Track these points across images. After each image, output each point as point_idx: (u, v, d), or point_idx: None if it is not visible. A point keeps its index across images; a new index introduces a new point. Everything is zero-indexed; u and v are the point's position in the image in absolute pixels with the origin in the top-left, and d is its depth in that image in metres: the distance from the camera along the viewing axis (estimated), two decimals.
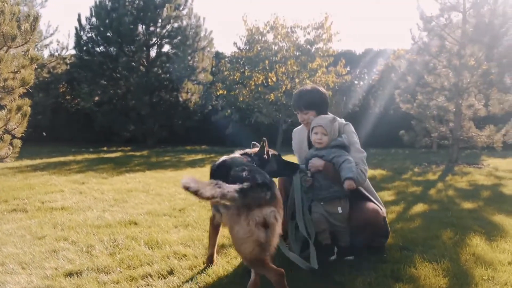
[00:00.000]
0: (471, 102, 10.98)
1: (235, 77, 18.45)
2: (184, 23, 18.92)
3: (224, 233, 4.02)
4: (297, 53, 17.99)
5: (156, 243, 3.83)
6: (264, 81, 18.56)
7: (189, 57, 18.74)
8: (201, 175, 8.74)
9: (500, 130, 10.73)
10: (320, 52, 18.04)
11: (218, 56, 21.96)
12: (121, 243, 3.83)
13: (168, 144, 19.41)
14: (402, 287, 2.87)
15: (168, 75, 18.76)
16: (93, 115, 18.78)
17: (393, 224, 4.49)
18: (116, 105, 18.88)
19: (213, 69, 20.58)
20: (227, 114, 18.25)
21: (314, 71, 17.94)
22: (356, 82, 23.26)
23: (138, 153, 14.96)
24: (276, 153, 3.54)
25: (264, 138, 3.49)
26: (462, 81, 10.82)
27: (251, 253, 2.41)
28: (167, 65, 18.64)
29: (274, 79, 18.30)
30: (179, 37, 18.50)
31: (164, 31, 18.77)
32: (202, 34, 19.32)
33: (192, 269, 3.22)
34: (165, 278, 3.05)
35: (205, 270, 3.17)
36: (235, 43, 18.72)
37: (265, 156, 3.40)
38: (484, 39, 10.40)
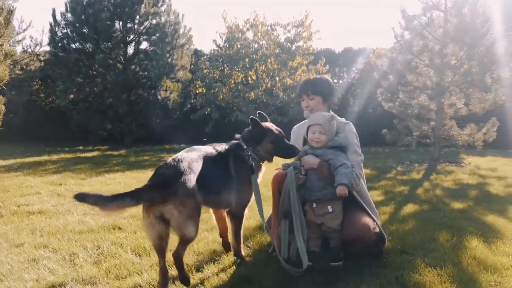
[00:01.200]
0: (452, 101, 11.01)
1: (215, 75, 18.23)
2: (163, 19, 18.55)
3: (216, 239, 3.86)
4: (278, 51, 17.88)
5: (144, 250, 3.62)
6: (243, 79, 18.39)
7: (168, 55, 18.42)
8: None
9: (482, 129, 10.79)
10: (300, 51, 17.96)
11: (197, 53, 21.66)
12: (106, 250, 3.61)
13: (146, 143, 19.02)
14: None
15: (146, 73, 18.40)
16: (68, 113, 18.29)
17: (387, 225, 4.38)
18: (92, 103, 18.42)
19: (192, 67, 20.30)
20: (206, 112, 17.98)
21: (295, 69, 17.86)
22: (335, 80, 23.31)
23: (116, 153, 14.59)
24: (280, 131, 3.53)
25: (259, 112, 3.64)
26: (444, 80, 10.84)
27: (154, 243, 2.77)
28: (145, 62, 18.28)
29: (254, 78, 18.14)
30: (158, 34, 18.15)
31: (142, 27, 18.37)
32: (181, 31, 19.00)
33: None
34: None
35: (202, 280, 2.98)
36: (214, 41, 18.49)
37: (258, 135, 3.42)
38: (465, 38, 10.43)
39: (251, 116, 3.39)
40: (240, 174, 3.26)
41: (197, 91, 18.53)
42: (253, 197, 3.33)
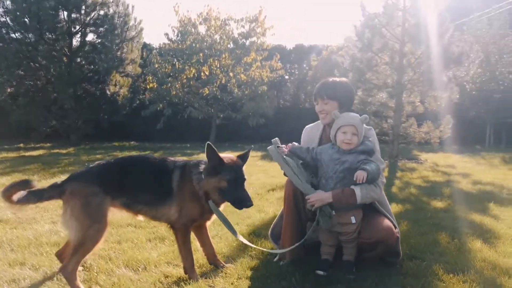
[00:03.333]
0: (411, 99, 11.24)
1: (167, 70, 17.66)
2: (111, 10, 17.70)
3: (218, 252, 3.57)
4: (232, 46, 17.60)
5: (138, 263, 3.26)
6: (195, 75, 17.94)
7: (117, 48, 17.58)
8: None
9: (439, 127, 11.07)
10: (254, 46, 17.78)
11: (146, 47, 20.89)
12: (95, 266, 3.21)
13: (94, 140, 18.11)
14: None
15: (94, 66, 17.49)
16: (8, 108, 17.03)
17: None
18: (34, 97, 17.24)
19: (141, 61, 19.57)
20: (158, 108, 17.39)
21: (249, 65, 17.66)
22: (287, 77, 23.37)
23: (63, 151, 13.75)
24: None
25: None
26: (403, 78, 11.02)
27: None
28: (93, 55, 17.38)
29: (207, 73, 17.75)
30: (106, 26, 17.27)
31: (89, 18, 17.43)
32: (131, 23, 18.21)
33: None
34: None
35: None
36: (166, 34, 17.89)
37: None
38: (423, 37, 10.66)
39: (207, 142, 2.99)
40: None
41: (148, 86, 17.86)
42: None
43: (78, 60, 17.57)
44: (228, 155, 3.06)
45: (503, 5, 18.41)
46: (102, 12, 17.47)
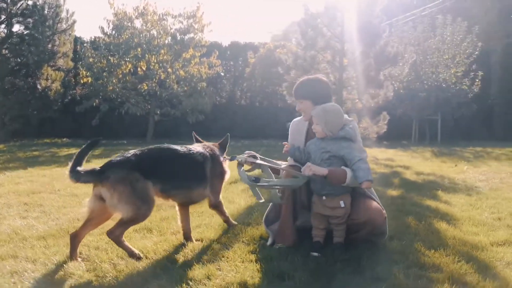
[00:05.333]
0: (351, 96, 11.79)
1: (102, 64, 17.04)
2: (40, 1, 16.77)
3: (208, 238, 3.64)
4: (171, 42, 17.37)
5: (142, 254, 3.25)
6: (131, 70, 17.47)
7: (48, 40, 16.70)
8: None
9: (377, 123, 11.71)
10: (193, 42, 17.67)
11: (78, 41, 19.99)
12: (95, 257, 3.16)
13: (22, 137, 17.06)
14: (439, 276, 2.85)
15: (22, 59, 16.51)
16: None
17: None
18: None
19: (73, 55, 18.75)
20: (94, 104, 16.76)
21: (188, 61, 17.53)
22: (222, 74, 23.40)
23: None
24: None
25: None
26: (343, 76, 11.55)
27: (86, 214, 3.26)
28: (21, 47, 16.37)
29: (144, 68, 17.37)
30: (35, 17, 16.32)
31: (15, 8, 16.40)
32: (62, 15, 17.37)
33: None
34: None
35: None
36: (101, 28, 17.19)
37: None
38: (362, 37, 11.21)
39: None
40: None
41: (82, 81, 17.11)
42: None
43: (4, 52, 16.47)
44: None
45: (426, 8, 19.77)
46: (30, 2, 16.51)
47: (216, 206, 3.80)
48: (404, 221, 4.31)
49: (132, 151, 3.35)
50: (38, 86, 16.54)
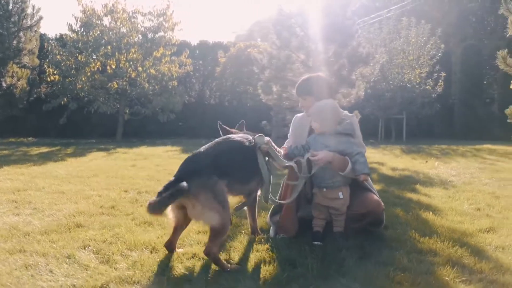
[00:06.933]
0: None
1: (70, 62, 16.71)
2: None
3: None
4: (141, 40, 17.22)
5: (145, 245, 3.31)
6: (100, 68, 17.22)
7: (13, 36, 16.25)
8: (84, 166, 7.82)
9: None
10: (163, 41, 17.59)
11: (44, 38, 19.52)
12: (103, 250, 3.20)
13: None
14: (438, 260, 3.05)
15: None
16: None
17: None
18: None
19: (39, 52, 18.30)
20: (63, 103, 16.42)
21: (159, 59, 17.44)
22: (191, 73, 23.34)
23: None
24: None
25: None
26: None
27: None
28: None
29: (113, 67, 17.14)
30: (0, 12, 15.87)
31: None
32: (28, 11, 16.94)
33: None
34: None
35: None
36: (69, 25, 16.84)
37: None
38: (336, 37, 11.49)
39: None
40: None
41: (49, 79, 16.73)
42: None
43: None
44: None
45: (390, 10, 20.35)
46: None
47: (254, 199, 3.64)
48: (393, 212, 4.53)
49: (203, 150, 3.24)
50: (3, 84, 16.09)
